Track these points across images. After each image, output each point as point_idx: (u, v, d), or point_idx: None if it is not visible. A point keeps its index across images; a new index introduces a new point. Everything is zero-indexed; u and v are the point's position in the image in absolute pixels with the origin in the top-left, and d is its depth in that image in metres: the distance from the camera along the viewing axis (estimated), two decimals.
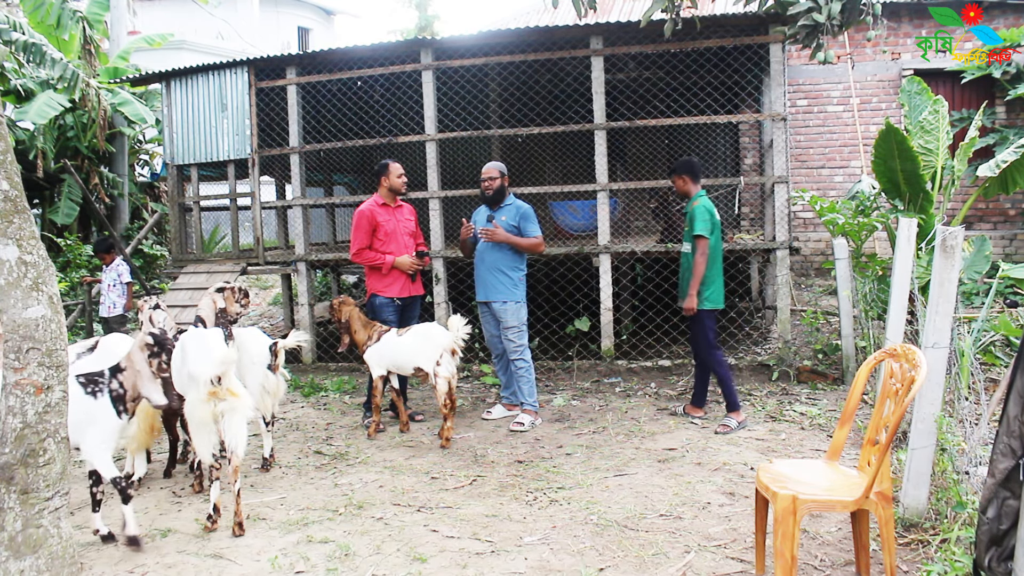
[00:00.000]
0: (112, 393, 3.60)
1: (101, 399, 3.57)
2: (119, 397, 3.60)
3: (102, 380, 3.60)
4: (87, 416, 3.51)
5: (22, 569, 2.45)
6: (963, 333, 4.50)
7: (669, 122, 7.05)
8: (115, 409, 3.59)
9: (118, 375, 3.61)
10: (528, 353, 5.69)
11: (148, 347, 3.59)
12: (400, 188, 5.84)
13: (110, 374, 3.61)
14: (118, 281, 7.49)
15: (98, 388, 3.58)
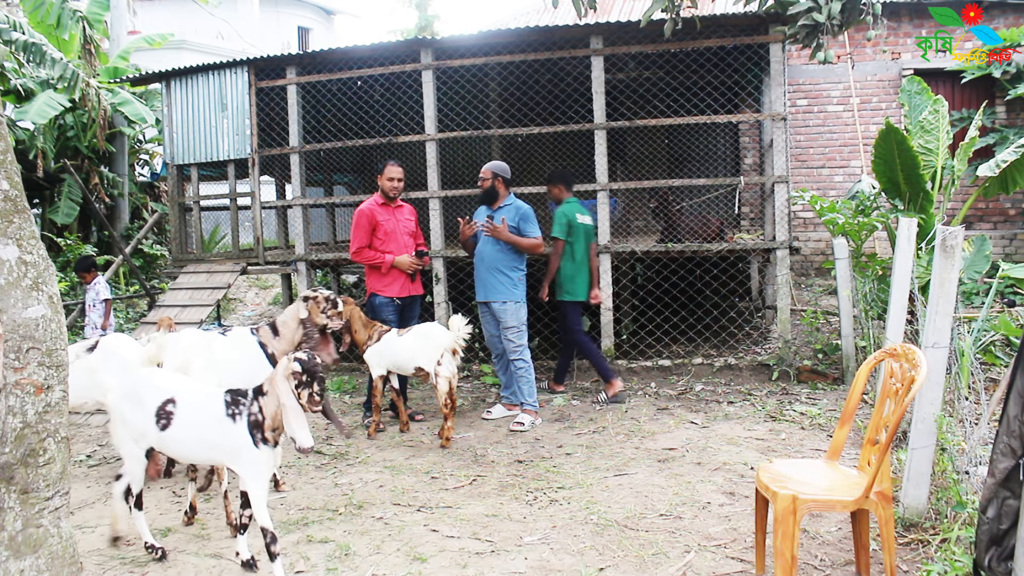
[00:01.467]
0: (250, 418, 3.14)
1: (239, 423, 3.14)
2: (256, 424, 3.14)
3: (244, 401, 3.18)
4: (231, 440, 3.15)
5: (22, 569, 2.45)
6: (963, 333, 4.50)
7: (669, 122, 7.05)
8: (251, 436, 3.13)
9: (260, 397, 3.16)
10: (528, 353, 5.69)
11: (295, 375, 3.04)
12: (389, 191, 5.79)
13: (252, 396, 3.18)
14: (96, 300, 7.31)
15: (238, 410, 3.16)
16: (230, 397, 3.20)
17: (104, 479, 4.79)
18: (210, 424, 3.19)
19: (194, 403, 3.29)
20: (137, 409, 3.36)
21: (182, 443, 3.31)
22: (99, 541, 3.76)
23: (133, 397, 3.39)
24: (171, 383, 3.41)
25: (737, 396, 6.21)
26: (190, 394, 3.34)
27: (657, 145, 9.96)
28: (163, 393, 3.34)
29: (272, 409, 3.12)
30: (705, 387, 6.55)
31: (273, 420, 3.13)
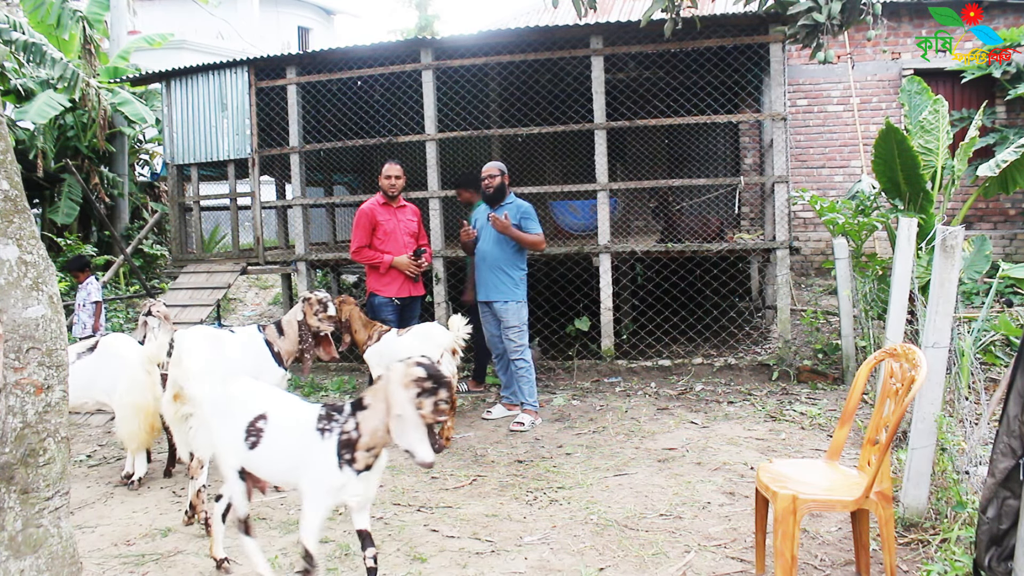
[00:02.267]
0: (342, 436, 2.76)
1: (328, 440, 2.78)
2: (348, 443, 2.75)
3: (338, 417, 2.82)
4: (311, 456, 2.81)
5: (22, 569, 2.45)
6: (963, 333, 4.50)
7: (669, 122, 7.05)
8: (337, 456, 2.75)
9: (358, 412, 2.78)
10: (528, 353, 5.69)
11: (418, 382, 2.66)
12: (387, 189, 5.81)
13: (350, 410, 2.81)
14: (87, 300, 7.24)
15: (329, 426, 2.80)
16: (324, 411, 2.87)
17: (104, 479, 4.79)
18: (298, 440, 2.86)
19: (286, 418, 2.96)
20: (228, 425, 3.06)
21: (268, 462, 2.97)
22: (99, 541, 3.76)
23: (223, 411, 3.10)
24: (263, 396, 3.08)
25: (737, 396, 6.21)
26: (283, 408, 3.02)
27: (657, 145, 9.95)
28: (254, 408, 3.02)
29: (372, 426, 2.73)
30: (705, 387, 6.55)
31: (371, 439, 2.73)
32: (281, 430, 2.94)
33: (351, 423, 2.76)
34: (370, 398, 2.77)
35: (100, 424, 6.11)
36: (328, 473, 2.75)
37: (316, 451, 2.78)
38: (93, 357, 4.69)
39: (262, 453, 2.95)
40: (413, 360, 2.71)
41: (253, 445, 2.96)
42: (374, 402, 2.74)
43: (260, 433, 2.95)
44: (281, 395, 3.14)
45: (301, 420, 2.89)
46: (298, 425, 2.88)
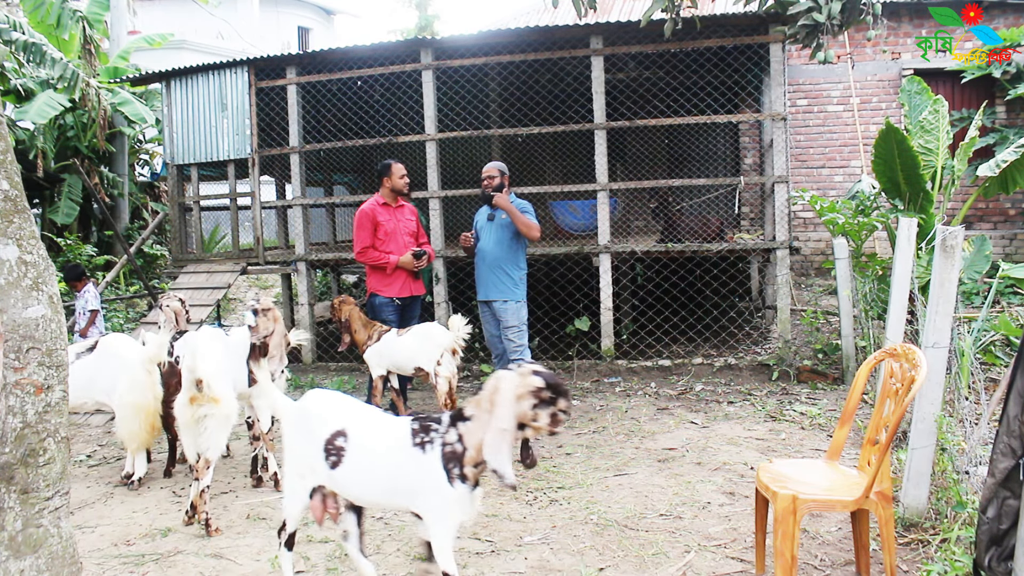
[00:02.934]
0: (445, 449, 2.58)
1: (430, 454, 2.58)
2: (453, 456, 2.56)
3: (436, 428, 2.62)
4: (417, 476, 2.60)
5: (22, 569, 2.45)
6: (963, 333, 4.50)
7: (669, 122, 7.05)
8: (444, 470, 2.56)
9: (459, 423, 2.59)
10: (528, 353, 5.68)
11: (536, 393, 2.46)
12: (402, 188, 5.85)
13: (449, 421, 2.62)
14: (85, 308, 7.12)
15: (429, 439, 2.60)
16: (418, 424, 2.66)
17: (104, 479, 4.79)
18: (392, 458, 2.64)
19: (371, 434, 2.75)
20: (305, 442, 2.83)
21: (357, 483, 2.74)
22: (99, 541, 3.76)
23: (301, 426, 2.87)
24: (341, 411, 2.84)
25: (737, 396, 6.21)
26: (365, 423, 2.79)
27: (657, 145, 9.96)
28: (332, 423, 2.79)
29: (479, 438, 2.51)
30: (705, 387, 6.55)
31: (478, 452, 2.52)
32: (367, 448, 2.71)
33: (452, 435, 2.57)
34: (473, 409, 2.57)
35: (100, 424, 6.12)
36: (439, 492, 2.55)
37: (420, 468, 2.57)
38: (93, 357, 4.69)
39: (347, 473, 2.72)
40: (529, 369, 2.50)
41: (335, 464, 2.73)
42: (479, 413, 2.54)
43: (341, 451, 2.72)
44: (361, 408, 2.88)
45: (392, 435, 2.67)
46: (389, 441, 2.67)
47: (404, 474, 2.62)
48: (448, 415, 2.65)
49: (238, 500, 4.31)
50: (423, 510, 2.62)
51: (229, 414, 3.89)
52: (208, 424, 3.83)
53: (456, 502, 2.56)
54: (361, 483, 2.73)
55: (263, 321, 4.31)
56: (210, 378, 3.82)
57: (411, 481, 2.61)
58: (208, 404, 3.82)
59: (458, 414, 2.61)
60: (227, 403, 3.89)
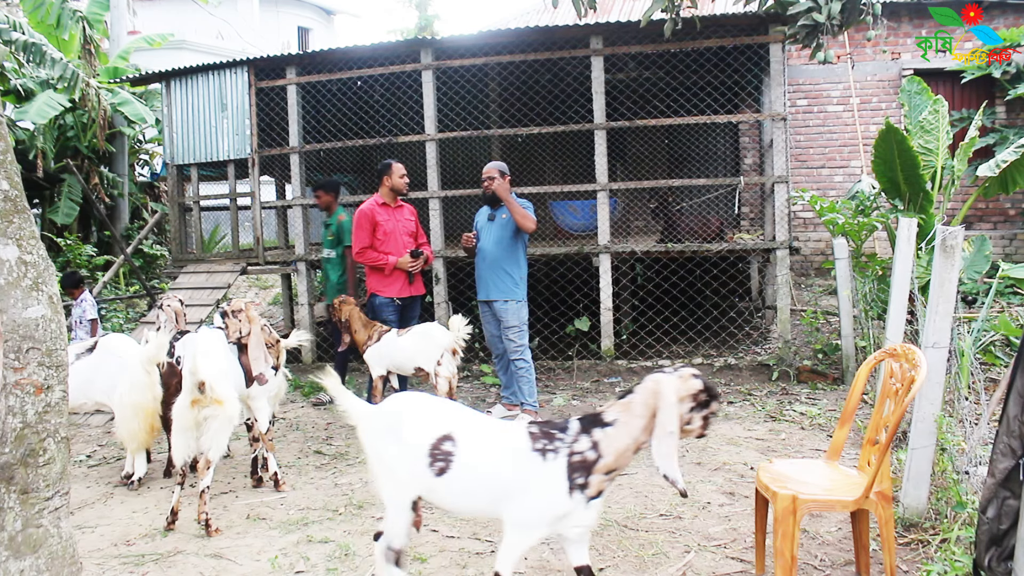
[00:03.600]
0: (572, 458, 2.42)
1: (553, 462, 2.43)
2: (583, 465, 2.41)
3: (562, 435, 2.47)
4: (533, 483, 2.45)
5: (22, 569, 2.45)
6: (963, 333, 4.50)
7: (669, 122, 7.05)
8: (568, 481, 2.40)
9: (595, 430, 2.44)
10: (528, 353, 5.69)
11: (695, 396, 2.41)
12: (402, 188, 5.86)
13: (580, 427, 2.47)
14: (83, 318, 6.99)
15: (552, 446, 2.44)
16: (537, 429, 2.51)
17: (104, 479, 4.79)
18: (508, 463, 2.49)
19: (481, 438, 2.59)
20: (401, 448, 2.64)
21: (464, 491, 2.56)
22: (99, 541, 3.76)
23: (394, 433, 2.68)
24: (444, 414, 2.67)
25: (737, 396, 6.21)
26: (472, 427, 2.62)
27: (657, 145, 9.96)
28: (436, 428, 2.61)
29: (620, 445, 2.40)
30: None
31: (616, 460, 2.41)
32: (480, 453, 2.54)
33: (584, 442, 2.42)
34: (617, 413, 2.43)
35: (100, 424, 6.11)
36: (555, 501, 2.40)
37: (538, 476, 2.42)
38: (93, 357, 4.69)
39: (454, 481, 2.54)
40: (688, 372, 2.43)
41: (441, 471, 2.54)
42: (625, 418, 2.40)
43: (449, 457, 2.54)
44: (461, 411, 2.71)
45: (508, 441, 2.52)
46: (505, 445, 2.52)
47: (516, 479, 2.47)
48: (577, 421, 2.49)
49: (238, 500, 4.31)
50: (516, 512, 2.47)
51: (232, 415, 3.90)
52: (211, 426, 3.83)
53: (560, 515, 2.43)
54: (469, 490, 2.56)
55: (232, 323, 4.30)
56: (213, 380, 3.82)
57: (521, 486, 2.46)
58: (211, 406, 3.82)
59: (594, 419, 2.47)
60: (230, 404, 3.89)
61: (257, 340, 4.37)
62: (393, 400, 2.78)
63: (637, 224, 9.40)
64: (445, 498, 2.62)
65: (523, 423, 2.60)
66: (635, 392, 2.44)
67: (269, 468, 4.50)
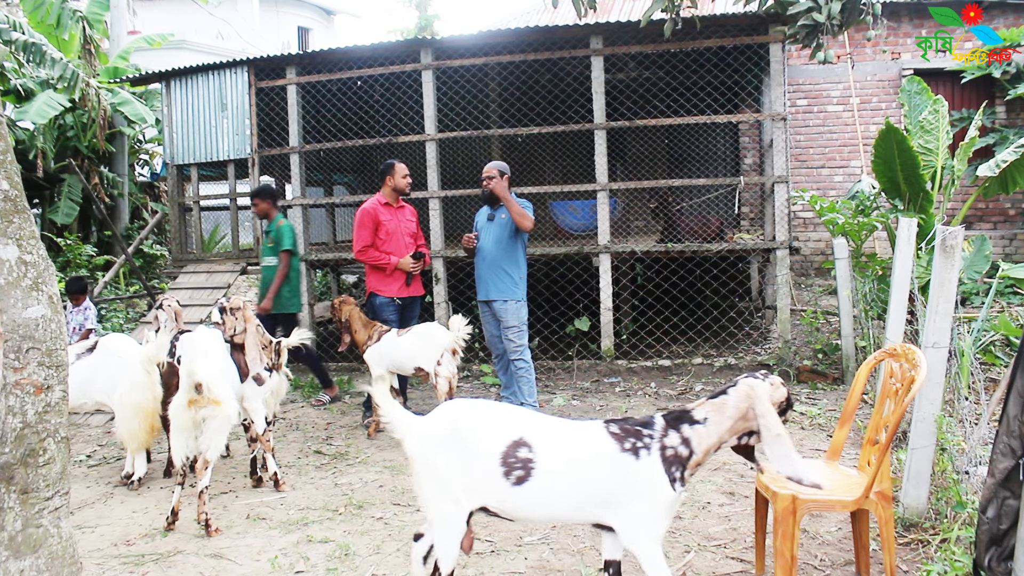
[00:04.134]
0: (665, 452, 2.45)
1: (646, 458, 2.43)
2: (676, 459, 2.45)
3: (648, 432, 2.48)
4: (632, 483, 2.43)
5: (22, 569, 2.45)
6: (963, 333, 4.50)
7: (669, 122, 7.05)
8: (667, 475, 2.43)
9: (684, 426, 2.49)
10: (528, 353, 5.68)
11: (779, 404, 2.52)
12: (405, 188, 5.86)
13: (665, 423, 2.50)
14: (83, 325, 6.82)
15: (642, 443, 2.45)
16: (618, 428, 2.49)
17: (104, 479, 4.79)
18: (596, 467, 2.44)
19: (560, 442, 2.50)
20: (463, 459, 2.50)
21: (546, 499, 2.46)
22: (99, 541, 3.76)
23: (452, 442, 2.52)
24: (510, 419, 2.55)
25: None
26: (545, 431, 2.52)
27: (657, 145, 9.96)
28: (506, 434, 2.49)
29: (709, 443, 2.47)
30: (705, 387, 6.55)
31: (704, 456, 2.48)
32: (562, 457, 2.46)
33: (674, 438, 2.45)
34: (708, 412, 2.49)
35: (100, 424, 6.11)
36: (663, 494, 2.41)
37: (638, 475, 2.41)
38: (93, 357, 4.69)
39: (536, 489, 2.44)
40: (777, 380, 2.53)
41: (520, 480, 2.44)
42: (716, 418, 2.47)
43: (529, 465, 2.43)
44: (529, 414, 2.61)
45: (592, 444, 2.47)
46: (589, 448, 2.46)
47: (609, 483, 2.43)
48: (661, 417, 2.52)
49: (238, 500, 4.31)
50: (628, 518, 2.43)
51: (230, 415, 3.90)
52: (210, 426, 3.83)
53: (671, 507, 2.45)
54: (551, 498, 2.46)
55: (229, 319, 4.30)
56: (210, 381, 3.82)
57: (617, 490, 2.42)
58: (209, 407, 3.82)
59: (681, 416, 2.51)
60: (228, 405, 3.89)
61: (253, 340, 4.37)
62: (446, 409, 2.65)
63: (637, 224, 9.40)
64: (520, 508, 2.50)
65: (598, 423, 2.54)
66: (728, 394, 2.51)
67: (268, 468, 4.50)
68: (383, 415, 2.64)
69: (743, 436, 2.52)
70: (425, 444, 2.56)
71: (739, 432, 2.51)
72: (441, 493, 2.52)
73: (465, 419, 2.55)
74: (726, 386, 2.55)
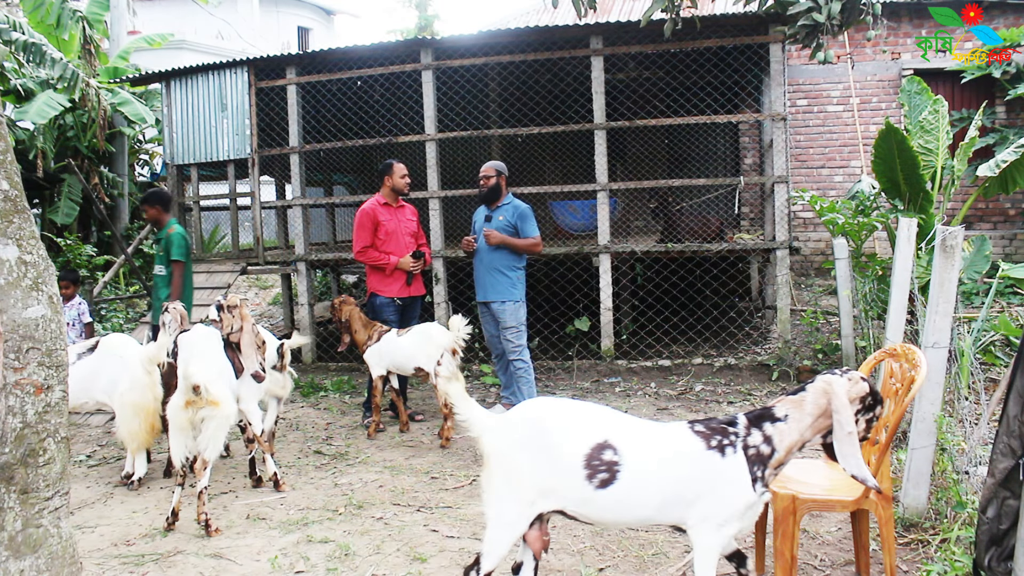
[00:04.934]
0: (748, 451, 2.43)
1: (733, 458, 2.42)
2: (758, 458, 2.43)
3: (733, 430, 2.48)
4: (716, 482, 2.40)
5: (22, 569, 2.45)
6: (963, 333, 4.50)
7: (669, 122, 7.05)
8: (751, 474, 2.41)
9: (766, 424, 2.48)
10: (527, 353, 5.68)
11: (863, 399, 2.48)
12: (403, 188, 5.86)
13: (748, 422, 2.50)
14: (78, 320, 6.71)
15: (727, 441, 2.44)
16: (703, 427, 2.49)
17: (104, 479, 4.79)
18: (682, 466, 2.42)
19: (645, 442, 2.46)
20: (545, 459, 2.44)
21: (632, 501, 2.42)
22: (99, 541, 3.76)
23: (535, 441, 2.46)
24: (594, 419, 2.51)
25: (737, 396, 6.21)
26: (628, 431, 2.48)
27: (657, 145, 9.96)
28: (588, 435, 2.45)
29: (791, 441, 2.46)
30: (705, 387, 6.55)
31: (786, 454, 2.47)
32: (653, 460, 2.43)
33: (757, 436, 2.45)
34: (788, 409, 2.47)
35: (100, 424, 6.11)
36: (743, 495, 2.40)
37: (722, 473, 2.40)
38: (93, 357, 4.69)
39: (621, 492, 2.39)
40: (857, 375, 2.50)
41: (604, 483, 2.39)
42: (796, 414, 2.46)
43: (614, 468, 2.39)
44: (610, 413, 2.56)
45: (678, 444, 2.45)
46: (679, 450, 2.44)
47: (695, 482, 2.40)
48: (744, 416, 2.52)
49: (238, 500, 4.31)
50: (703, 518, 2.40)
51: (229, 415, 3.89)
52: (208, 426, 3.83)
53: (748, 508, 2.42)
54: (639, 500, 2.42)
55: (227, 317, 4.29)
56: (207, 382, 3.81)
57: (702, 490, 2.40)
58: (207, 407, 3.82)
59: (763, 415, 2.51)
60: (227, 405, 3.88)
61: (249, 338, 4.37)
62: (530, 407, 2.59)
63: (637, 224, 9.40)
64: (602, 511, 2.44)
65: (682, 423, 2.53)
66: (806, 390, 2.50)
67: (268, 469, 4.49)
68: (460, 413, 2.59)
69: (827, 434, 2.49)
70: (505, 442, 2.50)
71: (821, 430, 2.48)
72: (511, 493, 2.46)
73: (551, 418, 2.49)
74: (804, 383, 2.55)
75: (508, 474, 2.47)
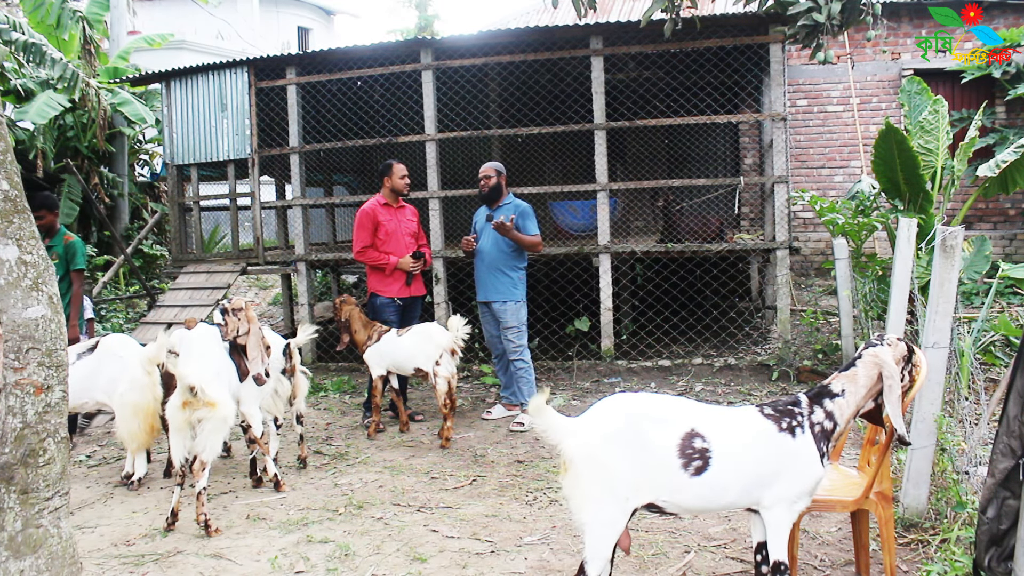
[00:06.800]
0: (815, 428, 2.54)
1: (803, 437, 2.51)
2: (824, 434, 2.55)
3: (798, 410, 2.56)
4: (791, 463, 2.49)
5: (22, 569, 2.45)
6: (963, 333, 4.50)
7: (669, 122, 7.05)
8: (819, 452, 2.52)
9: (826, 401, 2.57)
10: (527, 353, 5.69)
11: (905, 357, 2.63)
12: (403, 189, 5.86)
13: (809, 400, 2.59)
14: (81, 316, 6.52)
15: (796, 422, 2.53)
16: (771, 410, 2.57)
17: (104, 479, 4.79)
18: (760, 449, 2.50)
19: (726, 428, 2.52)
20: (639, 453, 2.44)
21: (721, 486, 2.47)
22: (99, 541, 3.76)
23: (628, 437, 2.45)
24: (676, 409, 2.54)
25: (737, 396, 6.20)
26: (709, 418, 2.53)
27: (657, 145, 9.96)
28: (676, 425, 2.48)
29: (849, 413, 2.58)
30: (705, 387, 6.55)
31: (845, 426, 2.60)
32: (734, 443, 2.49)
33: (819, 413, 2.55)
34: (844, 384, 2.59)
35: (100, 424, 6.11)
36: (815, 471, 2.51)
37: (796, 453, 2.49)
38: (93, 357, 4.69)
39: (714, 477, 2.45)
40: (894, 338, 2.65)
41: (699, 471, 2.44)
42: (852, 388, 2.57)
43: (706, 455, 2.44)
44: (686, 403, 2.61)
45: (754, 427, 2.53)
46: (757, 433, 2.52)
47: (773, 464, 2.49)
48: (804, 395, 2.61)
49: (238, 500, 4.31)
50: (778, 497, 2.50)
51: (226, 416, 3.86)
52: (205, 427, 3.80)
53: (817, 484, 2.54)
54: (727, 485, 2.48)
55: (232, 320, 4.27)
56: (203, 384, 3.78)
57: (778, 470, 2.49)
58: (204, 408, 3.79)
59: (823, 392, 2.60)
60: (224, 406, 3.85)
61: (255, 340, 4.35)
62: (610, 405, 2.57)
63: (637, 224, 9.40)
64: (695, 498, 2.49)
65: (751, 407, 2.62)
66: (856, 365, 2.62)
67: (268, 471, 4.48)
68: (536, 423, 2.59)
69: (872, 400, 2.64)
70: (592, 443, 2.48)
71: (871, 396, 2.62)
72: (606, 493, 2.45)
73: (636, 412, 2.50)
74: (853, 358, 2.66)
75: (599, 474, 2.46)
